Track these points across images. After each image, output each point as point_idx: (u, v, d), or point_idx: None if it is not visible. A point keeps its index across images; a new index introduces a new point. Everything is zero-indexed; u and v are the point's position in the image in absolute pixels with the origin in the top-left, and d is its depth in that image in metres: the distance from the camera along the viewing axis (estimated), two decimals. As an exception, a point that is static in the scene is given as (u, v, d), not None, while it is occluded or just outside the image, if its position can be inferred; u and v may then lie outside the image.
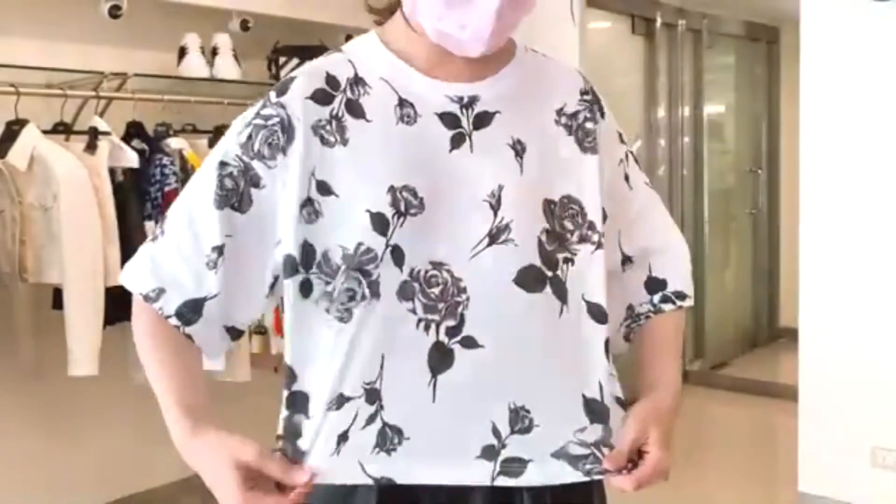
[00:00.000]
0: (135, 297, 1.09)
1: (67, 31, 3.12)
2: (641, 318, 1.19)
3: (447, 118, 1.06)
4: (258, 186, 1.04)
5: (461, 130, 1.06)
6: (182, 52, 3.27)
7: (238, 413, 1.74)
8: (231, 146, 1.06)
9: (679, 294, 1.19)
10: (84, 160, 2.73)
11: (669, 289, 1.19)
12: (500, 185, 1.04)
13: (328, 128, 1.04)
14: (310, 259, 1.02)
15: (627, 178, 1.18)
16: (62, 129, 2.93)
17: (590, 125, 1.13)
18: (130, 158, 2.84)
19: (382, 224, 1.01)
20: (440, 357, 1.01)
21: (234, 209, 1.04)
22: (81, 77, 2.96)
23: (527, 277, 1.03)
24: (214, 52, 3.34)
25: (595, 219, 1.09)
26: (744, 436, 4.49)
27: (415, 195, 1.02)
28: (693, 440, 4.24)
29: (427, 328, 1.01)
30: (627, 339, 1.21)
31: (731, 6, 5.44)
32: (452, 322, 1.01)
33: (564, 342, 1.05)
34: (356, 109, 1.05)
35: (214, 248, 1.05)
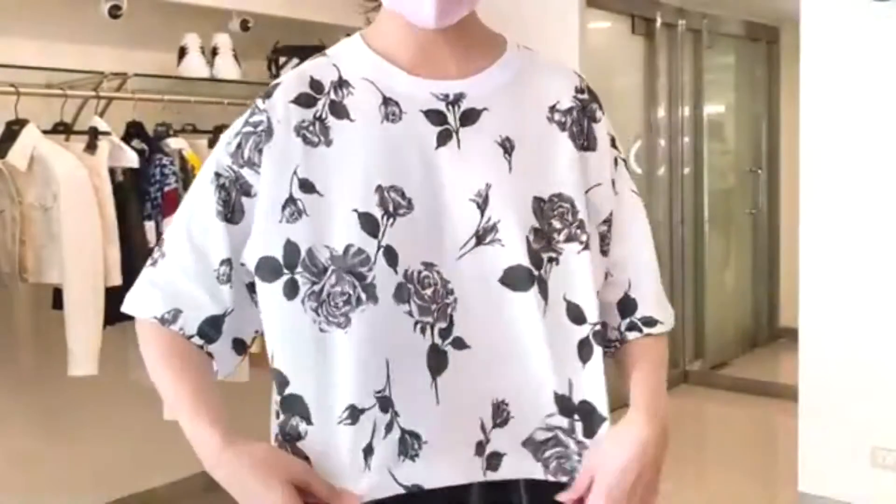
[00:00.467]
0: (140, 323, 1.07)
1: (67, 31, 3.13)
2: (612, 346, 1.15)
3: (433, 115, 1.05)
4: (249, 195, 1.03)
5: (447, 127, 1.05)
6: (182, 52, 3.27)
7: (238, 413, 1.74)
8: (222, 157, 1.06)
9: (647, 320, 1.14)
10: (84, 160, 2.73)
11: (637, 314, 1.14)
12: (488, 184, 1.03)
13: (311, 129, 1.03)
14: (293, 258, 1.00)
15: (614, 184, 1.14)
16: (62, 129, 2.93)
17: (584, 123, 1.11)
18: (130, 158, 2.84)
19: (372, 224, 1.00)
20: (437, 359, 1.01)
21: (228, 221, 1.04)
22: (81, 77, 2.96)
23: (513, 277, 1.02)
24: (214, 52, 3.34)
25: (585, 217, 1.07)
26: (744, 436, 4.49)
27: (402, 195, 1.01)
28: (693, 440, 4.24)
29: (423, 331, 1.00)
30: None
31: (731, 6, 5.44)
32: (444, 324, 1.01)
33: (545, 340, 1.03)
34: (340, 111, 1.05)
35: (223, 262, 1.04)
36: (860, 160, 3.10)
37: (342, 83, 1.06)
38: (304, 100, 1.05)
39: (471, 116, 1.06)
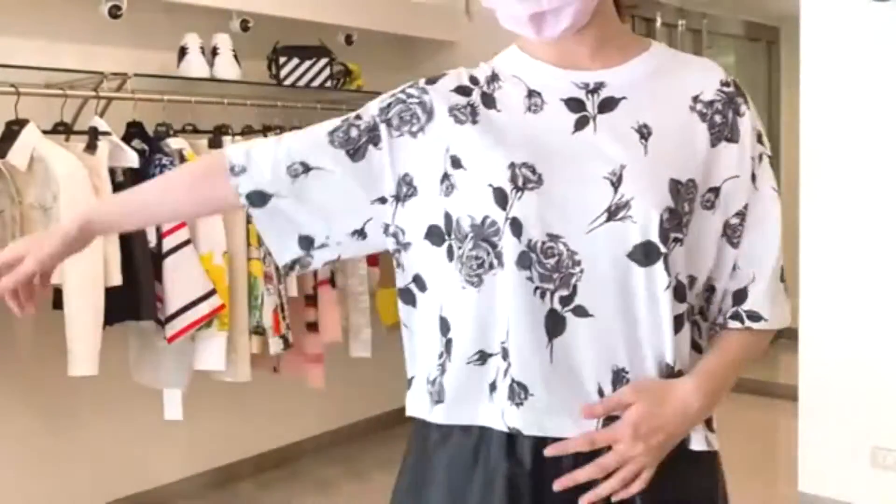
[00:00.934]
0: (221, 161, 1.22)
1: (67, 31, 3.13)
2: (714, 328, 1.21)
3: (572, 103, 1.13)
4: (376, 146, 1.16)
5: (585, 114, 1.13)
6: (182, 52, 3.27)
7: (238, 413, 1.74)
8: (372, 106, 1.19)
9: (752, 314, 1.19)
10: (84, 160, 2.73)
11: (745, 306, 1.19)
12: (622, 165, 1.09)
13: (463, 111, 1.15)
14: (450, 227, 1.13)
15: (755, 178, 1.18)
16: (62, 129, 2.93)
17: (728, 115, 1.15)
18: (130, 158, 2.84)
19: (502, 198, 1.09)
20: (554, 323, 1.09)
21: (348, 154, 1.17)
22: (81, 77, 2.96)
23: (641, 252, 1.08)
24: (214, 52, 3.34)
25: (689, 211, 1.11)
26: (744, 436, 4.49)
27: (533, 171, 1.09)
28: (693, 440, 4.23)
29: (542, 296, 1.08)
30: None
31: (731, 6, 5.44)
32: (566, 291, 1.08)
33: (664, 313, 1.09)
34: (489, 101, 1.16)
35: (303, 164, 1.17)
36: (860, 160, 3.10)
37: (494, 77, 1.18)
38: (462, 90, 1.17)
39: (609, 104, 1.13)
